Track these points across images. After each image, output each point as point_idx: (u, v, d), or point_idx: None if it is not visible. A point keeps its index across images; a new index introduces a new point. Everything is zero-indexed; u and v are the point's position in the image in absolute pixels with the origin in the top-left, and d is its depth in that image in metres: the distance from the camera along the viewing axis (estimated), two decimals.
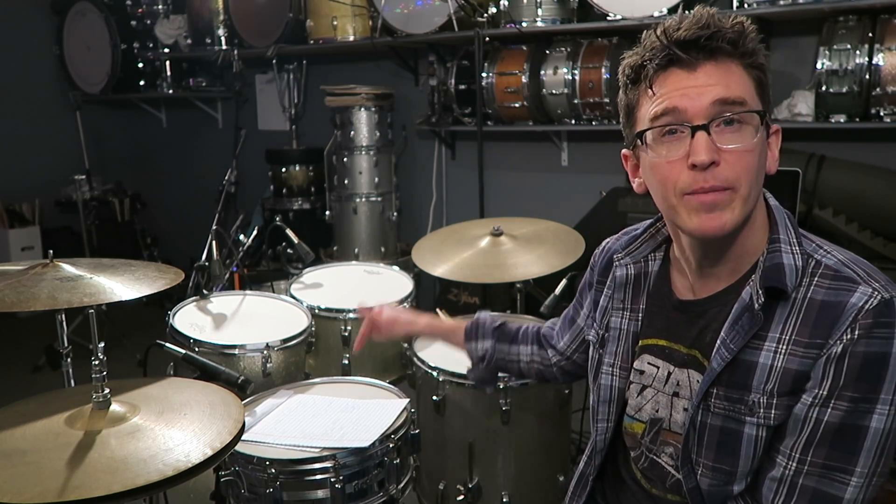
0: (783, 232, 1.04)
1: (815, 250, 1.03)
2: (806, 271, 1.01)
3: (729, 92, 0.98)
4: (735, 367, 1.03)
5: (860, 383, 0.94)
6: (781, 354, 0.99)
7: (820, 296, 0.98)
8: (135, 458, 1.11)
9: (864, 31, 2.63)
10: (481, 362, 1.53)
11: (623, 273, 1.23)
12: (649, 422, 1.17)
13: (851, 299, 0.95)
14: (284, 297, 2.48)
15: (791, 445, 0.99)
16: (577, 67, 3.23)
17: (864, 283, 0.96)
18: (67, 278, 1.44)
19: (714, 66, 0.99)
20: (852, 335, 0.94)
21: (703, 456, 1.07)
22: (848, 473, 0.96)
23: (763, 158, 1.02)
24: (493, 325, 1.53)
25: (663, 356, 1.15)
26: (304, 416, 1.67)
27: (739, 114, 0.98)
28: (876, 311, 0.94)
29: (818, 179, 2.75)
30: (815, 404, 0.97)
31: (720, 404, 1.05)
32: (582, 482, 1.33)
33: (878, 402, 0.94)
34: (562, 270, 2.30)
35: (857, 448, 0.95)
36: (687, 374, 1.11)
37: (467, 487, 2.00)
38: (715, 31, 0.98)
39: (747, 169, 0.98)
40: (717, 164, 0.97)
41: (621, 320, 1.23)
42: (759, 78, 1.02)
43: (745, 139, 0.98)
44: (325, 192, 4.25)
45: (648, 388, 1.17)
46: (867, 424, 0.95)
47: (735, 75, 0.99)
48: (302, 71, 4.53)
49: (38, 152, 5.10)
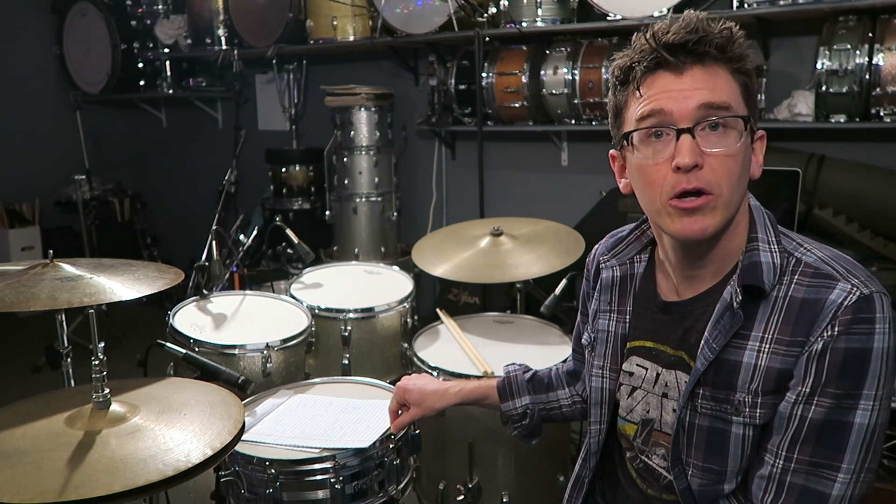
0: (761, 231, 1.05)
1: (795, 248, 1.04)
2: (786, 269, 1.01)
3: (714, 96, 0.99)
4: (720, 366, 1.03)
5: (842, 379, 0.95)
6: (764, 353, 1.00)
7: (800, 293, 0.99)
8: (135, 458, 1.11)
9: (864, 31, 2.63)
10: (523, 419, 1.46)
11: (609, 275, 1.24)
12: (641, 423, 1.18)
13: (831, 296, 0.96)
14: (284, 297, 2.48)
15: (778, 443, 1.00)
16: (577, 67, 3.23)
17: (843, 280, 0.97)
18: (67, 278, 1.44)
19: (701, 70, 1.00)
20: (832, 332, 0.95)
21: (693, 456, 1.08)
22: (834, 470, 0.96)
23: (747, 163, 1.03)
24: (526, 379, 1.48)
25: (651, 357, 1.16)
26: (304, 417, 1.67)
27: (724, 118, 0.99)
28: (855, 306, 0.94)
29: (818, 179, 2.74)
30: (798, 402, 0.97)
31: (707, 404, 1.05)
32: (578, 484, 1.33)
33: (861, 398, 0.95)
34: (562, 270, 2.30)
35: (842, 444, 0.96)
36: (675, 376, 1.12)
37: (467, 487, 2.00)
38: (703, 36, 0.99)
39: (729, 173, 0.99)
40: (700, 166, 0.98)
41: (609, 322, 1.23)
42: (746, 83, 1.03)
43: (729, 144, 0.99)
44: (325, 192, 4.25)
45: (638, 389, 1.18)
46: (851, 420, 0.95)
47: (721, 80, 1.00)
48: (302, 71, 4.53)
49: (38, 152, 5.10)
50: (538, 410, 1.47)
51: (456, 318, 2.39)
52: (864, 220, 2.72)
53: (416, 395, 1.49)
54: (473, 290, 3.58)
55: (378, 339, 2.50)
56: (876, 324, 0.94)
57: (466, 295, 3.63)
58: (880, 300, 0.96)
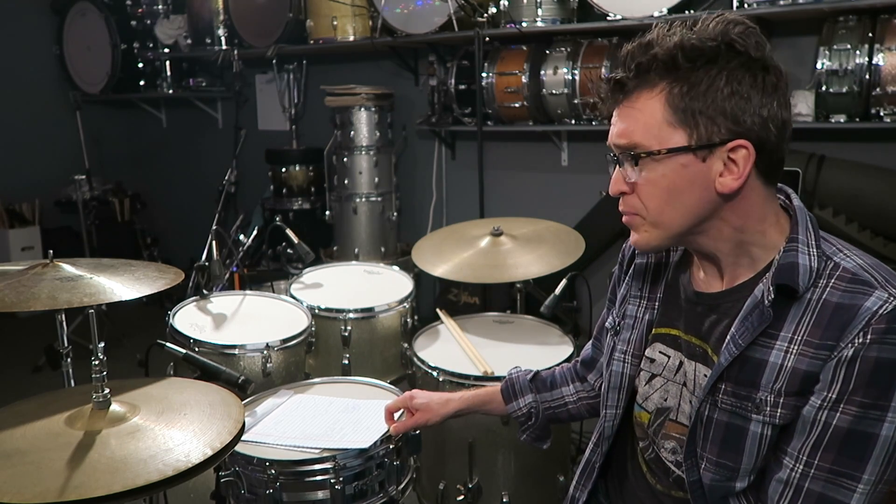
0: (803, 233, 1.05)
1: (834, 253, 1.03)
2: (822, 273, 1.00)
3: (620, 140, 1.05)
4: (744, 363, 1.03)
5: (870, 389, 0.94)
6: (792, 354, 0.99)
7: (835, 298, 0.98)
8: (135, 458, 1.11)
9: (864, 31, 2.63)
10: (529, 419, 1.47)
11: (643, 262, 1.25)
12: (655, 412, 1.18)
13: (866, 303, 0.95)
14: (284, 297, 2.48)
15: (798, 448, 0.99)
16: (577, 67, 3.23)
17: (880, 288, 0.96)
18: (67, 278, 1.44)
19: (625, 107, 1.05)
20: (864, 339, 0.93)
21: (708, 450, 1.08)
22: (855, 480, 0.95)
23: (681, 185, 1.02)
24: (528, 378, 1.49)
25: (675, 346, 1.16)
26: (304, 417, 1.67)
27: (629, 155, 1.04)
28: (890, 316, 0.93)
29: (818, 179, 2.74)
30: (823, 407, 0.96)
31: (727, 400, 1.05)
32: (588, 470, 1.33)
33: (890, 410, 0.93)
34: (562, 270, 2.30)
35: (865, 455, 0.95)
36: (694, 367, 1.12)
37: (467, 487, 2.00)
38: (642, 61, 1.01)
39: (650, 198, 1.04)
40: (627, 193, 1.07)
41: (637, 308, 1.24)
42: (686, 105, 0.99)
43: (646, 174, 1.03)
44: (325, 192, 4.25)
45: (658, 377, 1.18)
46: (877, 432, 0.94)
47: (643, 113, 1.02)
48: (302, 71, 4.52)
49: (38, 152, 5.10)
50: (543, 409, 1.47)
51: (456, 318, 2.39)
52: (864, 220, 2.72)
53: (421, 399, 1.50)
54: (473, 290, 3.58)
55: (378, 339, 2.50)
56: None
57: (466, 295, 3.63)
58: None
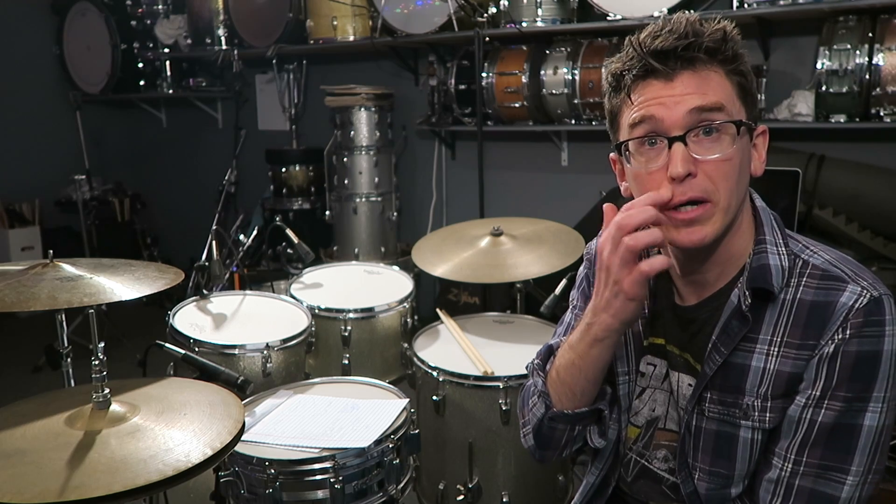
0: (769, 233, 1.04)
1: (801, 250, 1.03)
2: (793, 272, 1.01)
3: (705, 100, 0.97)
4: (728, 370, 1.03)
5: (853, 383, 0.94)
6: (774, 357, 0.99)
7: (809, 296, 0.98)
8: (135, 458, 1.11)
9: (864, 31, 2.63)
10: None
11: None
12: (645, 424, 1.17)
13: (841, 299, 0.96)
14: (284, 297, 2.48)
15: (786, 447, 1.00)
16: (577, 67, 3.23)
17: (852, 282, 0.97)
18: (67, 278, 1.44)
19: (691, 74, 0.98)
20: (844, 335, 0.95)
21: (700, 460, 1.07)
22: (844, 472, 0.96)
23: (745, 164, 1.02)
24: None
25: (662, 355, 1.15)
26: (303, 417, 1.67)
27: (717, 124, 0.97)
28: (866, 309, 0.94)
29: (818, 179, 2.74)
30: (808, 405, 0.97)
31: (714, 408, 1.05)
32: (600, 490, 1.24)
33: (871, 401, 0.95)
34: (562, 270, 2.29)
35: (851, 447, 0.95)
36: (678, 377, 1.11)
37: (467, 487, 2.00)
38: (692, 41, 0.97)
39: (725, 178, 0.98)
40: (693, 175, 0.97)
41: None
42: (742, 83, 1.01)
43: (724, 148, 0.98)
44: (325, 192, 4.24)
45: (647, 388, 1.17)
46: (861, 423, 0.95)
47: (713, 82, 0.99)
48: (302, 71, 4.52)
49: (38, 152, 5.09)
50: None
51: (456, 318, 2.39)
52: (864, 220, 2.72)
53: None
54: (473, 290, 3.58)
55: (378, 339, 2.50)
56: (886, 326, 0.94)
57: (466, 295, 3.63)
58: (889, 303, 0.96)
